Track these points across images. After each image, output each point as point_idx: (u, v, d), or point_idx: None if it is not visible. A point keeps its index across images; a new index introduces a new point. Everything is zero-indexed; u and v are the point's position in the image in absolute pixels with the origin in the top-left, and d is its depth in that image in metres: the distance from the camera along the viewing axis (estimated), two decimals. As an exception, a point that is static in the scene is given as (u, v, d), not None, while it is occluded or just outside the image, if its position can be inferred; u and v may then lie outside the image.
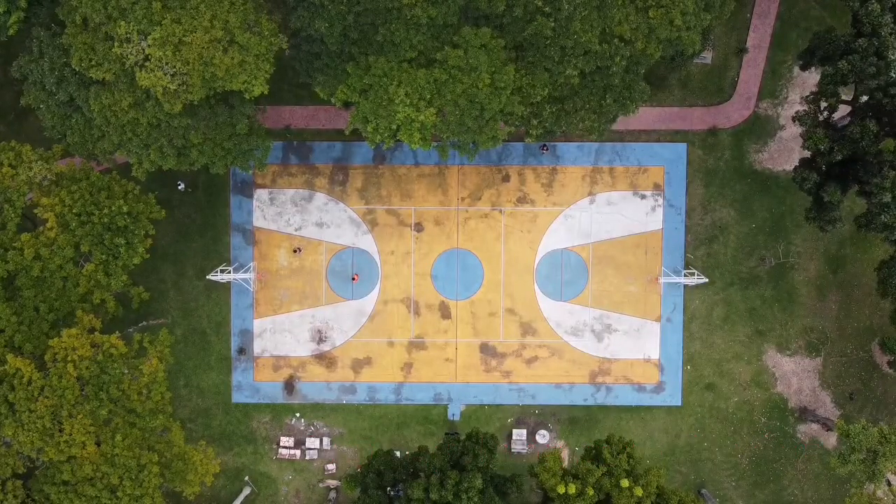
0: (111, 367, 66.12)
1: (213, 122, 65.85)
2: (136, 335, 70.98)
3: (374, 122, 65.16)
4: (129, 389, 66.70)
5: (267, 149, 70.28)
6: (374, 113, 64.77)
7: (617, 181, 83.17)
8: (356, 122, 66.21)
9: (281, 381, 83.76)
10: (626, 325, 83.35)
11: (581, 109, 66.60)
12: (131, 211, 69.06)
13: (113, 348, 66.46)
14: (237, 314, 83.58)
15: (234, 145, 67.41)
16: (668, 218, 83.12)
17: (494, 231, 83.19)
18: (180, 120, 64.50)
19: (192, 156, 66.81)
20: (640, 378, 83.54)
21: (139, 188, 71.40)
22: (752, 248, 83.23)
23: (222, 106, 66.04)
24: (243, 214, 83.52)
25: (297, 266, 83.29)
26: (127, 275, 70.41)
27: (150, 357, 69.02)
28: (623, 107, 66.63)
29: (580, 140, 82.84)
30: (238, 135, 67.21)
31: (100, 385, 66.06)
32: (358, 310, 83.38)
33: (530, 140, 68.93)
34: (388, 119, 64.66)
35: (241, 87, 63.05)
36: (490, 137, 65.78)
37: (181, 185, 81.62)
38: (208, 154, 66.86)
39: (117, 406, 66.70)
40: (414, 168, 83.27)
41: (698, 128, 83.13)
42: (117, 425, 66.85)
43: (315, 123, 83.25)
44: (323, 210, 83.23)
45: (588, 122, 67.25)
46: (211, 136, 66.22)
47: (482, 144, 66.32)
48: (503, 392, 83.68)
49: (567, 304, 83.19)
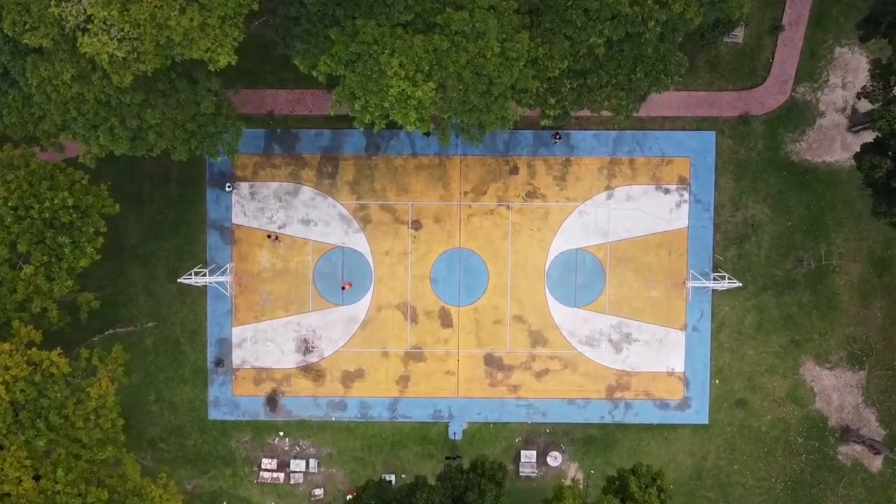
0: (51, 390, 51.51)
1: (174, 99, 51.20)
2: (83, 351, 56.41)
3: (363, 98, 50.56)
4: (74, 416, 52.05)
5: (238, 132, 55.57)
6: (363, 88, 50.13)
7: (637, 174, 68.80)
8: (342, 99, 51.55)
9: (263, 396, 69.40)
10: (647, 335, 68.99)
11: (607, 85, 51.94)
12: (78, 204, 54.27)
13: (54, 367, 51.86)
14: (214, 321, 69.20)
15: (199, 127, 52.60)
16: (694, 215, 68.71)
17: (501, 229, 68.80)
18: (133, 96, 49.90)
19: (150, 139, 52.03)
20: (662, 393, 69.21)
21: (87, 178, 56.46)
22: (787, 249, 68.85)
23: (184, 80, 51.35)
24: (221, 210, 69.09)
25: (280, 268, 68.90)
26: (73, 279, 55.72)
27: (100, 377, 54.44)
28: (656, 82, 51.99)
29: (597, 128, 68.50)
30: (203, 115, 52.42)
31: (37, 411, 51.37)
32: (349, 317, 69.02)
33: (546, 123, 54.52)
34: (380, 95, 50.10)
35: (203, 56, 48.34)
36: (499, 118, 51.22)
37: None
38: (168, 137, 52.13)
39: (59, 435, 51.96)
40: (411, 159, 68.90)
41: (728, 114, 68.76)
42: (59, 457, 52.17)
43: (301, 109, 68.85)
44: (310, 205, 68.85)
45: (615, 101, 52.59)
46: (171, 116, 51.54)
47: (489, 126, 51.79)
48: (510, 409, 69.31)
49: (582, 310, 68.84)
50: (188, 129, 52.47)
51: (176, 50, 47.79)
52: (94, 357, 55.73)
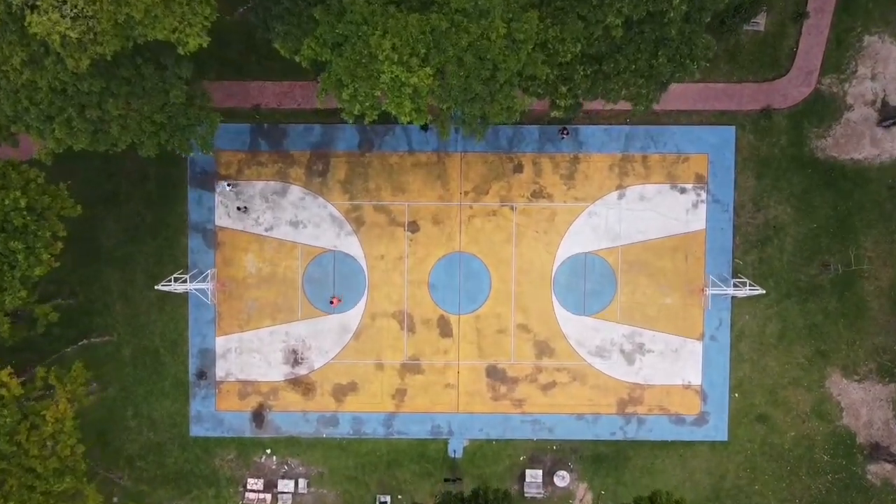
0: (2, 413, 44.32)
1: (139, 87, 43.81)
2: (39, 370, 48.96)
3: (352, 86, 43.07)
4: (28, 442, 44.78)
5: (213, 124, 48.04)
6: (352, 74, 42.64)
7: (651, 172, 61.41)
8: (328, 87, 44.01)
9: (248, 411, 62.01)
10: (661, 345, 61.60)
11: (625, 71, 44.51)
12: (33, 205, 46.67)
13: (3, 389, 44.60)
14: (196, 331, 61.79)
15: (169, 119, 45.17)
16: (712, 216, 61.29)
17: (504, 231, 61.46)
18: (92, 83, 42.45)
19: (113, 132, 44.51)
20: (678, 408, 61.80)
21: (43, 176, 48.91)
22: (812, 253, 61.47)
23: (150, 66, 43.99)
24: (203, 211, 61.66)
25: (267, 273, 61.42)
26: (28, 289, 48.31)
27: (57, 399, 47.07)
28: (680, 67, 44.51)
29: (607, 123, 61.10)
30: (173, 105, 45.09)
31: (-15, 437, 44.50)
32: (340, 326, 61.62)
33: (556, 114, 47.15)
34: (370, 82, 42.63)
35: (169, 37, 40.92)
36: (504, 109, 43.77)
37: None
38: (134, 130, 44.67)
39: (10, 464, 44.60)
40: (408, 156, 61.47)
41: (749, 108, 61.33)
42: (11, 489, 44.65)
43: (289, 102, 61.40)
44: (299, 206, 61.46)
45: (634, 89, 45.10)
46: (136, 107, 44.15)
47: (493, 118, 44.39)
48: (514, 424, 61.94)
49: (591, 318, 61.46)
50: (156, 122, 44.98)
51: (137, 30, 40.32)
52: (50, 376, 48.26)
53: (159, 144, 46.22)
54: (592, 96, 45.67)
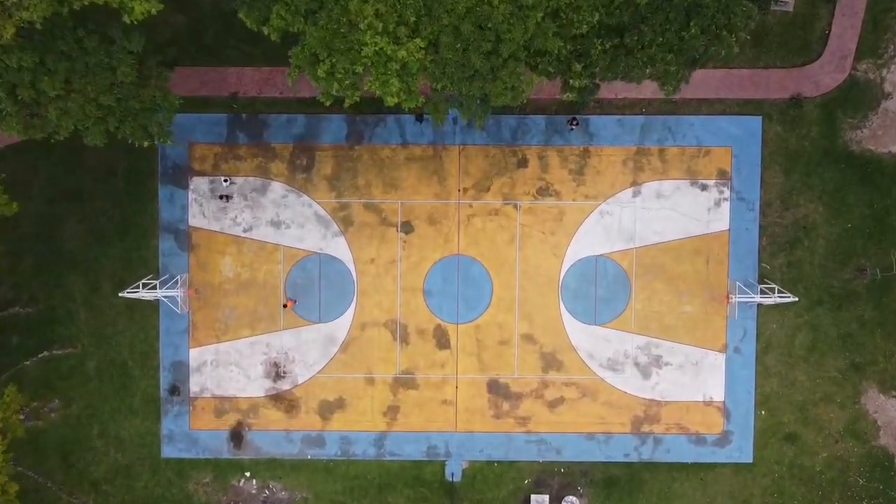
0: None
1: (81, 63, 35.44)
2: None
3: (329, 61, 34.63)
4: (-51, 479, 36.99)
5: (171, 109, 39.60)
6: (328, 46, 34.20)
7: (669, 166, 53.06)
8: (301, 62, 35.55)
9: (226, 430, 53.69)
10: (680, 357, 53.26)
11: (651, 45, 36.03)
12: (-45, 204, 38.91)
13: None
14: (168, 342, 53.50)
15: (118, 102, 36.98)
16: (736, 215, 52.93)
17: (507, 232, 53.17)
18: (22, 57, 34.06)
19: (51, 117, 36.17)
20: (698, 426, 53.48)
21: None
22: (846, 256, 53.09)
23: (94, 38, 35.81)
24: (175, 210, 53.33)
25: (246, 278, 53.14)
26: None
27: (-15, 427, 39.05)
28: (716, 40, 36.03)
29: (621, 112, 52.78)
30: (122, 85, 36.86)
31: None
32: (327, 336, 53.33)
33: (569, 97, 38.84)
34: (350, 56, 34.20)
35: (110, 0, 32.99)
36: (508, 88, 35.31)
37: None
38: (76, 115, 36.17)
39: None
40: (401, 149, 53.14)
41: (776, 96, 52.99)
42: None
43: (270, 90, 53.09)
44: (281, 204, 53.16)
45: (661, 66, 36.59)
46: (79, 87, 35.79)
47: (496, 99, 36.02)
48: (518, 445, 53.63)
49: (603, 328, 53.17)
50: (103, 105, 36.55)
51: (72, -8, 32.19)
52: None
53: (107, 132, 37.79)
54: (612, 75, 37.21)
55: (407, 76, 34.23)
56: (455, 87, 35.49)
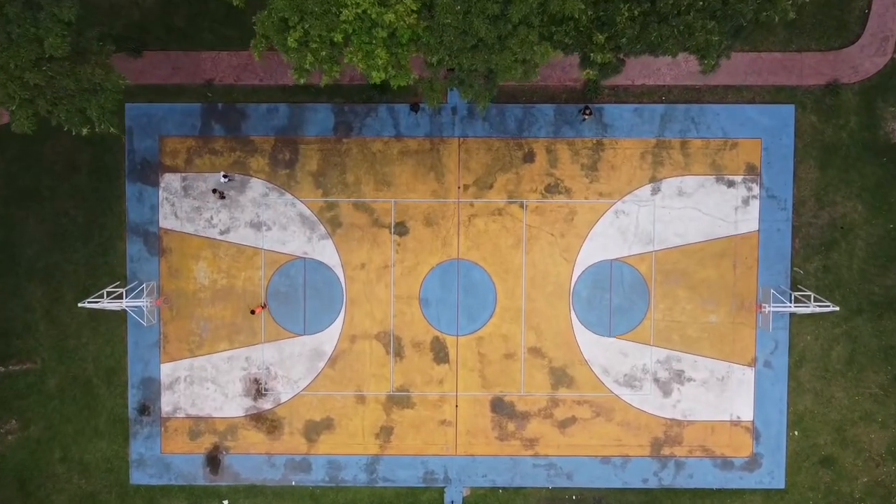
0: None
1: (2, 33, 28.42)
2: None
3: (301, 28, 27.15)
4: None
5: (115, 89, 32.23)
6: (300, 9, 26.75)
7: (693, 161, 45.68)
8: (266, 30, 28.16)
9: (202, 454, 46.32)
10: (704, 372, 45.86)
11: (688, 10, 28.80)
12: None
13: None
14: (137, 356, 46.08)
15: (49, 81, 29.65)
16: (767, 215, 45.54)
17: (512, 234, 45.78)
18: (-74, 24, 27.21)
19: (-34, 97, 29.30)
20: (725, 449, 46.09)
21: None
22: (888, 259, 45.69)
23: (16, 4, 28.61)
24: (144, 210, 45.98)
25: (223, 286, 45.74)
26: None
27: None
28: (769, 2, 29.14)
29: (638, 101, 45.40)
30: (53, 61, 29.55)
31: None
32: (313, 350, 45.96)
33: (588, 75, 31.50)
34: (327, 21, 26.64)
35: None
36: (517, 61, 27.95)
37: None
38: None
39: None
40: (394, 141, 45.74)
41: (811, 82, 45.60)
42: None
43: (249, 77, 45.72)
44: (261, 204, 45.77)
45: (700, 36, 29.15)
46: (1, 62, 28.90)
47: (504, 75, 28.53)
48: (525, 469, 46.24)
49: (619, 340, 45.77)
50: (29, 84, 29.23)
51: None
52: None
53: (36, 115, 30.38)
54: (641, 48, 29.67)
55: (396, 46, 26.78)
56: (454, 61, 28.02)
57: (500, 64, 27.69)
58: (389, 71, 27.27)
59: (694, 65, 44.04)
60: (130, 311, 42.76)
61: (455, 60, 27.97)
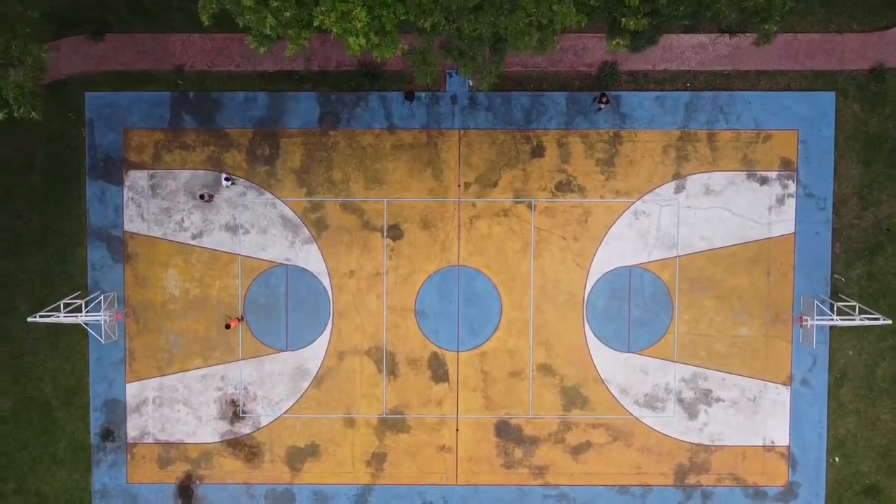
0: None
1: None
2: None
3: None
4: None
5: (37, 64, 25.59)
6: (256, -41, 20.65)
7: (721, 155, 39.07)
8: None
9: (172, 484, 39.74)
10: (734, 392, 39.28)
11: (745, -40, 22.41)
12: None
13: None
14: (100, 375, 39.53)
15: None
16: (804, 215, 38.92)
17: (519, 238, 39.17)
18: None
19: None
20: (757, 477, 39.49)
21: None
22: (940, 265, 39.21)
23: None
24: (107, 212, 39.37)
25: (196, 296, 39.24)
26: None
27: None
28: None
29: (659, 88, 38.86)
30: (-43, 27, 23.09)
31: None
32: (296, 368, 39.41)
33: (617, 46, 24.77)
34: (292, -25, 20.63)
35: None
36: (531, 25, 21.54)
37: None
38: None
39: None
40: (387, 134, 39.15)
41: (853, 67, 38.97)
42: None
43: (224, 63, 39.14)
44: (238, 204, 39.22)
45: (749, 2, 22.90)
46: None
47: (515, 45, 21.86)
48: (534, 500, 39.58)
49: (638, 356, 39.18)
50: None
51: None
52: None
53: (-63, 97, 23.92)
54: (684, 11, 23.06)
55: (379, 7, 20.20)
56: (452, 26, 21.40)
57: (510, 28, 21.02)
58: (371, 38, 20.71)
59: (723, 47, 37.48)
60: (87, 327, 36.19)
61: (453, 25, 21.34)
